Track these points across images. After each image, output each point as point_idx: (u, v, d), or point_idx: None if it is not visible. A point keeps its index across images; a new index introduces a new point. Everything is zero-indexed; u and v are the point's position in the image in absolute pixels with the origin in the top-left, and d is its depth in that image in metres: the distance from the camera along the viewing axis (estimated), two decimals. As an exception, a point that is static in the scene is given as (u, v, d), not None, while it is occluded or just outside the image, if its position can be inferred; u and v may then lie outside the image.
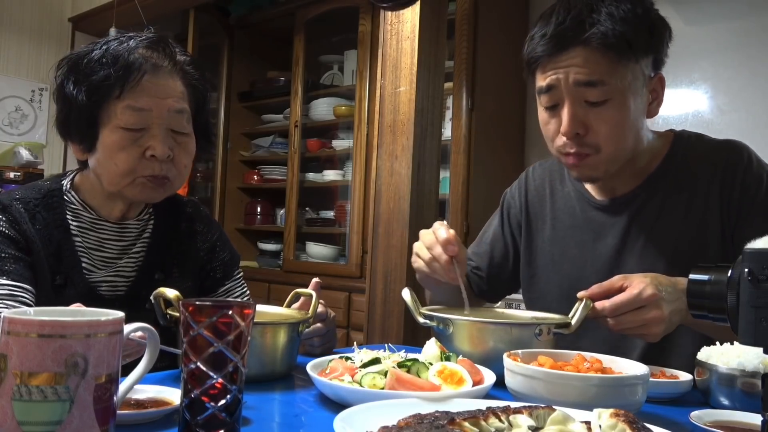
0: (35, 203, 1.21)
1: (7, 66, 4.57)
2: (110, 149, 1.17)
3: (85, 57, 1.19)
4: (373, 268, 1.80)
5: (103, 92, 1.15)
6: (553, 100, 1.22)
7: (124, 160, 1.17)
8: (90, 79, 1.16)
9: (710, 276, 0.71)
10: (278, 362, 1.04)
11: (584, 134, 1.20)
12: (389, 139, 1.78)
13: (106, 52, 1.17)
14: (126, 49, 1.17)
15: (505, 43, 3.28)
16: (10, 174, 3.86)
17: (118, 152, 1.17)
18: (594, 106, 1.18)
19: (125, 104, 1.15)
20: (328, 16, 3.90)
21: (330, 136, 4.05)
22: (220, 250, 1.40)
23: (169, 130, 1.20)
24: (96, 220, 1.25)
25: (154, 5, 4.16)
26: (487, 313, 1.33)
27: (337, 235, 3.97)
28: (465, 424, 0.64)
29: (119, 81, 1.15)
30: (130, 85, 1.15)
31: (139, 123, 1.17)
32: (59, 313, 0.67)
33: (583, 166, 1.23)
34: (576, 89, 1.18)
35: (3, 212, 1.17)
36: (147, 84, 1.17)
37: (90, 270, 1.22)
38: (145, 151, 1.17)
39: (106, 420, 0.62)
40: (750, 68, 2.76)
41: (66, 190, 1.26)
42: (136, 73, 1.15)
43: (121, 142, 1.16)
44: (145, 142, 1.17)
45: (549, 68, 1.20)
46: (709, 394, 0.97)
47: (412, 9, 1.75)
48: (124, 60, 1.15)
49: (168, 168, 1.20)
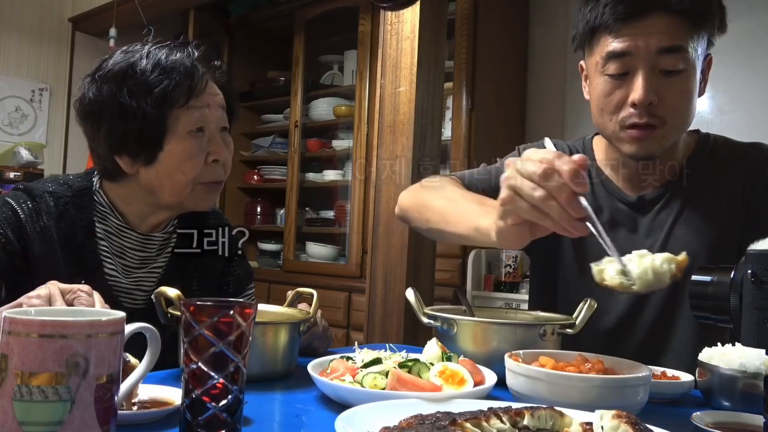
0: (66, 200, 1.18)
1: (7, 66, 4.56)
2: (179, 158, 1.16)
3: (132, 67, 1.15)
4: (373, 268, 1.80)
5: (169, 102, 1.14)
6: (624, 67, 1.17)
7: (192, 167, 1.17)
8: (153, 91, 1.13)
9: (713, 277, 0.70)
10: (279, 362, 1.04)
11: (655, 105, 1.16)
12: (389, 139, 1.78)
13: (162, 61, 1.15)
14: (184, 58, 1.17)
15: (505, 43, 3.28)
16: (10, 174, 3.86)
17: (188, 160, 1.17)
18: (668, 75, 1.15)
19: (188, 106, 1.16)
20: (327, 16, 3.90)
21: (330, 136, 4.05)
22: (236, 264, 1.38)
23: (218, 130, 1.21)
24: (122, 226, 1.23)
25: (154, 5, 4.16)
26: (491, 313, 1.33)
27: (337, 235, 3.97)
28: (466, 424, 0.64)
29: (186, 91, 1.15)
30: (196, 92, 1.16)
31: (200, 122, 1.17)
32: (60, 313, 0.67)
33: (649, 139, 1.18)
34: (655, 56, 1.14)
35: (31, 201, 1.15)
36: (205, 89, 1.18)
37: (111, 276, 1.20)
38: (207, 157, 1.18)
39: (107, 420, 0.61)
40: (750, 68, 2.76)
41: (96, 190, 1.24)
42: (199, 81, 1.17)
43: (190, 149, 1.16)
44: (206, 148, 1.18)
45: (624, 33, 1.15)
46: (710, 395, 0.97)
47: (412, 9, 1.75)
48: (187, 69, 1.16)
49: (223, 173, 1.23)
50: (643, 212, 1.30)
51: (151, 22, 4.25)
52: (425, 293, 1.71)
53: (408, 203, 1.33)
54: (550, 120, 3.33)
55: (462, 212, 1.12)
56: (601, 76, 1.20)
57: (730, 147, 1.31)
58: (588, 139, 1.42)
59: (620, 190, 1.33)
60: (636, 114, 1.17)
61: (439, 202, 1.21)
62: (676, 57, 1.14)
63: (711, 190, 1.26)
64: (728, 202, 1.24)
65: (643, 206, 1.30)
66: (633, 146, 1.21)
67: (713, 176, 1.27)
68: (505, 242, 0.93)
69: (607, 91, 1.20)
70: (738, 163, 1.26)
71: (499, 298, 3.00)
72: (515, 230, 0.90)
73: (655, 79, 1.15)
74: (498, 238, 0.94)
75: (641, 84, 1.14)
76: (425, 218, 1.23)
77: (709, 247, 1.23)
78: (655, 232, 1.28)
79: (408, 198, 1.34)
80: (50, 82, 4.75)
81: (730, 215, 1.24)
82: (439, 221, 1.18)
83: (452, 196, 1.21)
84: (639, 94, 1.15)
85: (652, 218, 1.29)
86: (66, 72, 4.81)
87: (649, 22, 1.14)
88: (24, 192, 1.18)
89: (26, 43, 4.63)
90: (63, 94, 4.80)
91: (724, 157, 1.29)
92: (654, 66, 1.15)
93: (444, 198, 1.22)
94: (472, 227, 1.05)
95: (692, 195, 1.27)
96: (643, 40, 1.14)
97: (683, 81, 1.17)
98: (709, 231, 1.24)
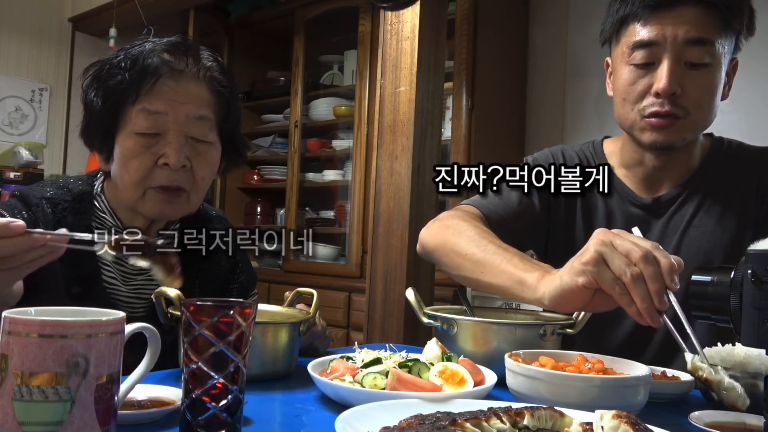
0: (64, 206, 1.15)
1: (7, 66, 4.56)
2: (123, 156, 1.11)
3: (108, 63, 1.14)
4: (373, 268, 1.80)
5: (119, 97, 1.10)
6: (650, 57, 1.17)
7: (136, 168, 1.11)
8: (107, 83, 1.11)
9: (713, 277, 0.70)
10: (279, 362, 1.04)
11: (678, 96, 1.16)
12: (389, 139, 1.78)
13: (126, 56, 1.12)
14: (143, 51, 1.12)
15: (505, 43, 3.28)
16: (10, 174, 3.86)
17: (131, 159, 1.11)
18: (692, 68, 1.16)
19: (140, 107, 1.10)
20: (328, 16, 3.90)
21: (330, 136, 4.05)
22: (240, 271, 1.36)
23: (189, 137, 1.13)
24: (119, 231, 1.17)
25: (154, 5, 4.16)
26: (491, 313, 1.33)
27: (337, 235, 3.97)
28: (466, 424, 0.64)
29: (134, 84, 1.09)
30: (146, 88, 1.09)
31: (153, 128, 1.10)
32: (60, 313, 0.67)
33: (670, 129, 1.18)
34: (682, 47, 1.15)
35: (27, 210, 1.11)
36: (164, 88, 1.11)
37: (110, 284, 1.17)
38: (158, 159, 1.11)
39: (107, 420, 0.61)
40: (750, 68, 2.75)
41: (97, 194, 1.20)
42: (152, 76, 1.10)
43: (134, 148, 1.10)
44: (158, 150, 1.11)
45: (653, 22, 1.16)
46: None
47: (412, 9, 1.75)
48: (141, 63, 1.10)
49: (183, 178, 1.13)
50: (657, 215, 1.29)
51: (151, 22, 4.26)
52: (425, 293, 1.72)
53: (434, 244, 1.26)
54: (550, 120, 3.33)
55: (500, 263, 1.07)
56: (627, 66, 1.21)
57: (743, 151, 1.31)
58: (598, 142, 1.41)
59: (633, 193, 1.31)
60: (658, 103, 1.17)
61: (471, 249, 1.14)
62: (702, 50, 1.15)
63: (725, 193, 1.26)
64: (742, 206, 1.24)
65: (658, 208, 1.29)
66: (653, 134, 1.20)
67: (727, 180, 1.27)
68: (559, 299, 0.91)
69: (632, 80, 1.20)
70: (752, 168, 1.27)
71: (499, 298, 3.00)
72: (581, 292, 0.87)
73: (679, 71, 1.16)
74: (554, 292, 0.91)
75: (666, 73, 1.15)
76: (456, 264, 1.18)
77: (722, 250, 1.23)
78: (669, 235, 1.27)
79: (432, 239, 1.27)
80: (50, 82, 4.75)
81: (743, 219, 1.24)
82: (475, 270, 1.12)
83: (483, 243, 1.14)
84: (663, 83, 1.15)
85: (667, 220, 1.28)
86: (66, 72, 4.81)
87: (678, 13, 1.15)
88: (20, 200, 1.15)
89: (26, 43, 4.64)
90: (63, 94, 4.80)
91: (738, 161, 1.29)
92: (680, 57, 1.15)
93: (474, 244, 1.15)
94: (515, 280, 1.02)
95: (706, 197, 1.26)
96: (671, 30, 1.15)
97: (708, 75, 1.17)
98: (722, 234, 1.24)
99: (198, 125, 1.14)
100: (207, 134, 1.16)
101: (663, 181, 1.30)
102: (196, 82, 1.15)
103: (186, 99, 1.12)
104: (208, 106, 1.16)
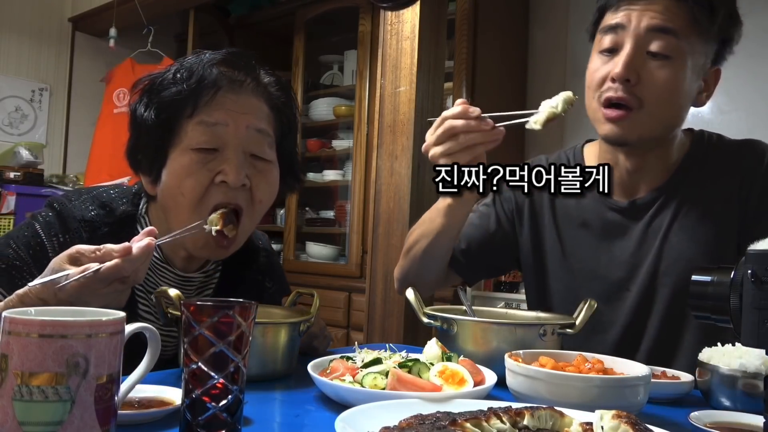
0: (104, 231, 1.06)
1: (7, 66, 4.56)
2: (177, 175, 1.02)
3: (160, 76, 1.07)
4: (373, 268, 1.80)
5: (174, 110, 1.02)
6: (614, 42, 1.18)
7: (191, 187, 1.01)
8: (161, 96, 1.03)
9: (713, 277, 0.70)
10: (279, 362, 1.04)
11: (634, 84, 1.16)
12: (389, 139, 1.78)
13: (181, 68, 1.05)
14: (200, 62, 1.05)
15: (505, 43, 3.28)
16: (10, 174, 3.85)
17: (186, 178, 1.01)
18: (653, 58, 1.16)
19: (198, 120, 1.02)
20: (328, 16, 3.90)
21: (330, 136, 4.05)
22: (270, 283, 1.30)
23: (248, 154, 1.05)
24: (160, 262, 1.11)
25: (154, 5, 4.16)
26: (491, 313, 1.33)
27: (337, 235, 3.97)
28: (467, 424, 0.64)
29: (192, 96, 1.02)
30: (205, 99, 1.02)
31: (211, 142, 1.02)
32: (60, 313, 0.67)
33: (623, 122, 1.17)
34: (644, 35, 1.15)
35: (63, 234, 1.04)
36: (223, 99, 1.03)
37: (145, 318, 1.11)
38: (215, 177, 1.01)
39: (107, 420, 0.61)
40: (750, 68, 2.76)
41: (141, 215, 1.12)
42: (211, 87, 1.02)
43: (189, 165, 1.01)
44: (216, 166, 1.01)
45: (623, 8, 1.17)
46: (710, 395, 0.97)
47: (412, 9, 1.75)
48: (199, 74, 1.03)
49: (241, 198, 1.04)
50: (635, 218, 1.27)
51: (151, 22, 4.26)
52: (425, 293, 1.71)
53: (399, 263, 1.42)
54: (550, 120, 3.33)
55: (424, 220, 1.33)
56: (596, 54, 1.22)
57: (723, 146, 1.28)
58: (578, 147, 1.41)
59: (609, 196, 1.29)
60: (613, 88, 1.17)
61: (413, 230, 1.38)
62: (665, 40, 1.15)
63: (706, 192, 1.23)
64: (724, 204, 1.21)
65: (636, 212, 1.27)
66: (607, 126, 1.20)
67: (708, 178, 1.24)
68: None
69: (595, 67, 1.21)
70: (732, 163, 1.24)
71: (499, 298, 3.00)
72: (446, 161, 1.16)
73: (639, 58, 1.16)
74: None
75: (623, 59, 1.16)
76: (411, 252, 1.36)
77: (706, 252, 1.20)
78: (649, 241, 1.25)
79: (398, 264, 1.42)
80: (50, 82, 4.75)
81: (726, 218, 1.21)
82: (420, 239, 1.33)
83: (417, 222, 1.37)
84: (619, 68, 1.16)
85: (646, 225, 1.25)
86: (66, 72, 4.81)
87: (649, 1, 1.16)
88: (59, 218, 1.07)
89: (26, 43, 4.64)
90: (63, 94, 4.80)
91: (718, 156, 1.26)
92: (641, 44, 1.16)
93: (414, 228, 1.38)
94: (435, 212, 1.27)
95: (686, 198, 1.24)
96: (636, 16, 1.16)
97: (668, 69, 1.16)
98: (705, 235, 1.21)
99: (258, 139, 1.06)
100: (267, 151, 1.08)
101: (639, 184, 1.27)
102: (256, 96, 1.09)
103: (247, 109, 1.05)
104: (268, 122, 1.09)
